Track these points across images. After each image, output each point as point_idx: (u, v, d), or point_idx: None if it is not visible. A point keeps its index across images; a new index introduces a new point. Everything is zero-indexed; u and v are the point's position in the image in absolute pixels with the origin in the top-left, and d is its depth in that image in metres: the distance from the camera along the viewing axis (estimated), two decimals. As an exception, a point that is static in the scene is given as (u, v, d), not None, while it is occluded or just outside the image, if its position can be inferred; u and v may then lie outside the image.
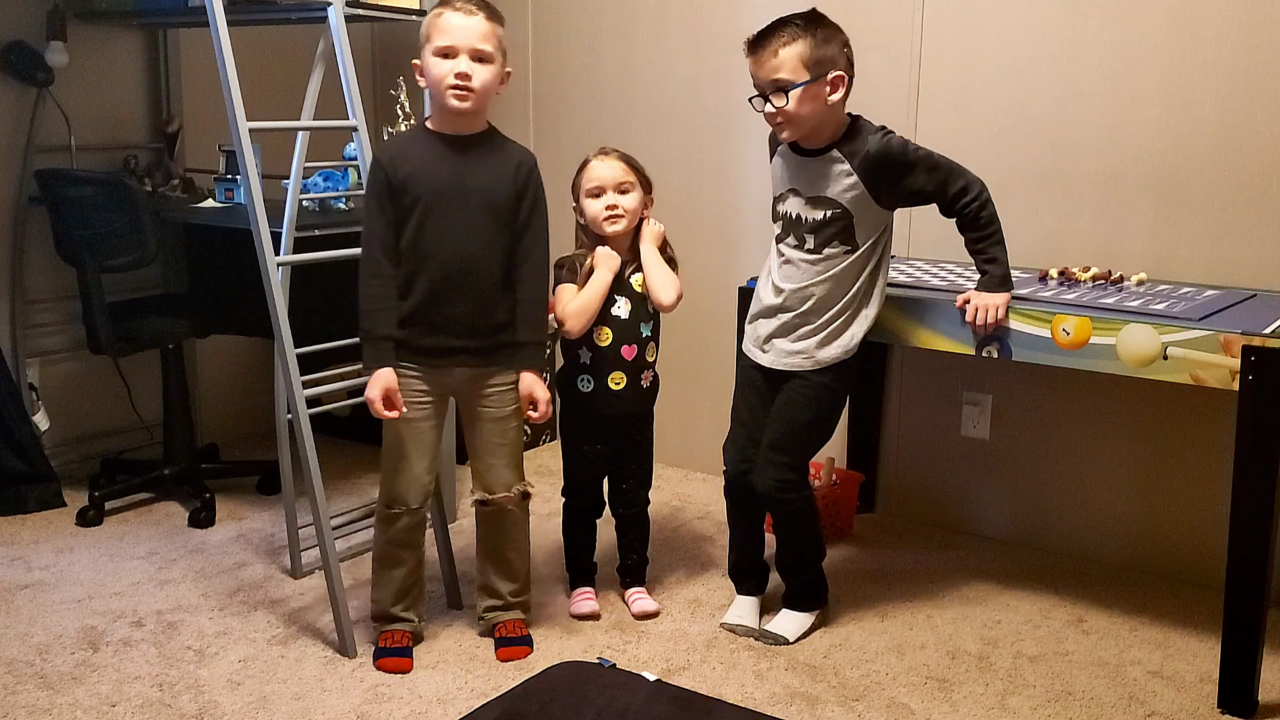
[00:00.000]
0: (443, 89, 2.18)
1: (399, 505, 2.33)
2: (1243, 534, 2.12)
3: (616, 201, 2.46)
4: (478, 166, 2.26)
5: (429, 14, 2.22)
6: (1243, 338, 2.07)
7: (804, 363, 2.38)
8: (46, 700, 2.20)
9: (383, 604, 2.38)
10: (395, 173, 2.21)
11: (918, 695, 2.25)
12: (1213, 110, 2.61)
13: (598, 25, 3.56)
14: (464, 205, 2.24)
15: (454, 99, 2.18)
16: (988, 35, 2.88)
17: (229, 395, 3.81)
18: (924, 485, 3.17)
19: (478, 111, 2.24)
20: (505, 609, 2.44)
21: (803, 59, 2.21)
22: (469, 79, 2.17)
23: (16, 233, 3.27)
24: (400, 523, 2.34)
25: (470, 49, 2.17)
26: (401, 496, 2.33)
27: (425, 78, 2.23)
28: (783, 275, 2.39)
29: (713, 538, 3.04)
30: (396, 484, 2.33)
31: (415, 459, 2.32)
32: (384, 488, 2.35)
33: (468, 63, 2.17)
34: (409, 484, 2.33)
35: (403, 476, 2.32)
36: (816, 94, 2.23)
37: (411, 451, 2.32)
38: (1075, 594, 2.71)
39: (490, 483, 2.39)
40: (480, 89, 2.19)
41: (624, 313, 2.48)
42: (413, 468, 2.32)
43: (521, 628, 2.43)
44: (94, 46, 3.37)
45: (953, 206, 2.33)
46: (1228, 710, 2.19)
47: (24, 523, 3.10)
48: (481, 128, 2.29)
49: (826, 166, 2.30)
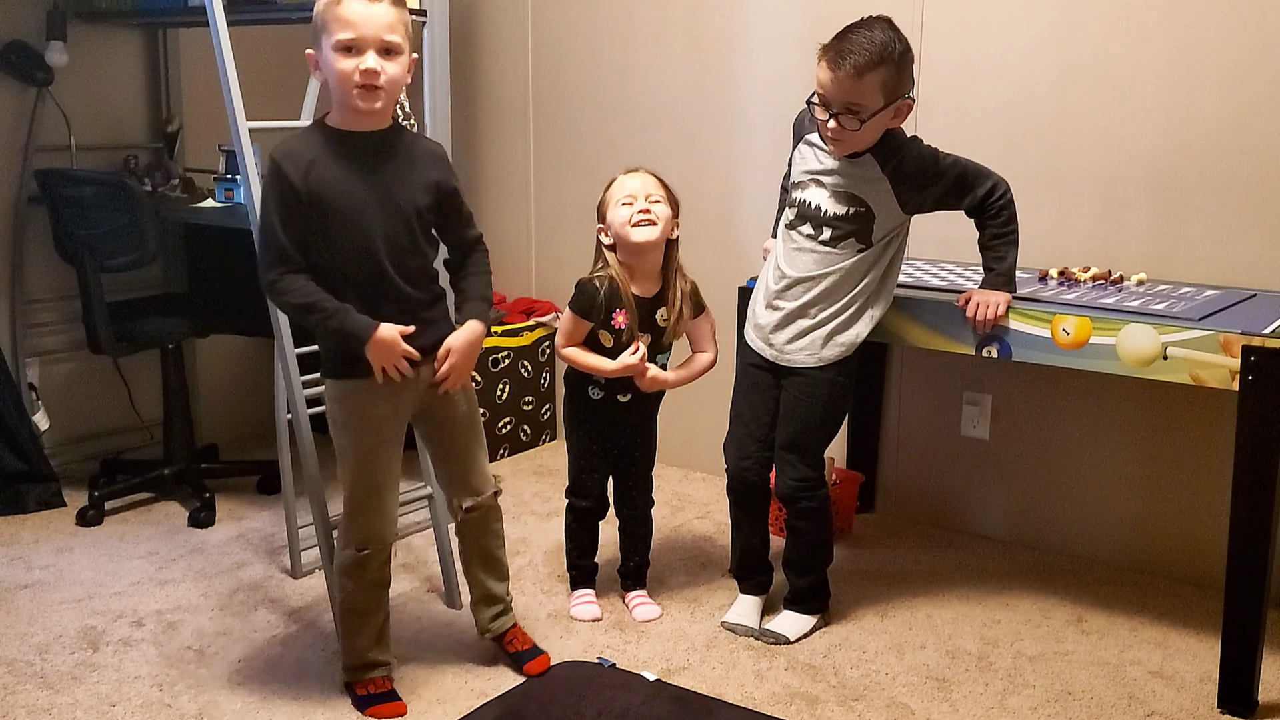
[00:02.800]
0: (348, 87, 1.93)
1: (373, 545, 2.12)
2: (1243, 534, 2.12)
3: (649, 206, 2.39)
4: (392, 170, 2.03)
5: (323, 1, 1.95)
6: (1243, 338, 2.07)
7: (808, 359, 2.38)
8: (46, 700, 2.20)
9: (359, 654, 2.17)
10: (301, 177, 1.96)
11: (918, 695, 2.25)
12: (1213, 110, 2.61)
13: (597, 25, 3.56)
14: (384, 213, 2.01)
15: (361, 99, 1.94)
16: (988, 35, 2.88)
17: (229, 395, 3.81)
18: (924, 485, 3.16)
19: (388, 107, 2.02)
20: (505, 611, 2.34)
21: (884, 86, 2.17)
22: (377, 76, 1.93)
23: (16, 232, 3.27)
24: (374, 564, 2.14)
25: (377, 41, 1.92)
26: (377, 535, 2.12)
27: (324, 72, 1.97)
28: (790, 261, 2.39)
29: (713, 537, 3.04)
30: (370, 523, 2.11)
31: (387, 490, 2.12)
32: (353, 532, 2.11)
33: (375, 58, 1.92)
34: (384, 519, 2.13)
35: (377, 514, 2.11)
36: (883, 122, 2.23)
37: (384, 483, 2.11)
38: (1075, 594, 2.71)
39: (476, 485, 2.24)
40: (390, 85, 1.96)
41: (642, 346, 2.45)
42: (384, 501, 2.12)
43: (527, 637, 2.35)
44: (94, 46, 3.37)
45: (981, 206, 2.34)
46: (1228, 710, 2.19)
47: (24, 523, 3.10)
48: (387, 123, 2.05)
49: (860, 168, 2.31)
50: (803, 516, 2.46)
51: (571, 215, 3.70)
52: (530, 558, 2.88)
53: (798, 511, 2.46)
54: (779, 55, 3.20)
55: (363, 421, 2.08)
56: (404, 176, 2.04)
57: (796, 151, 2.44)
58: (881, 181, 2.30)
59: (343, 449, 2.10)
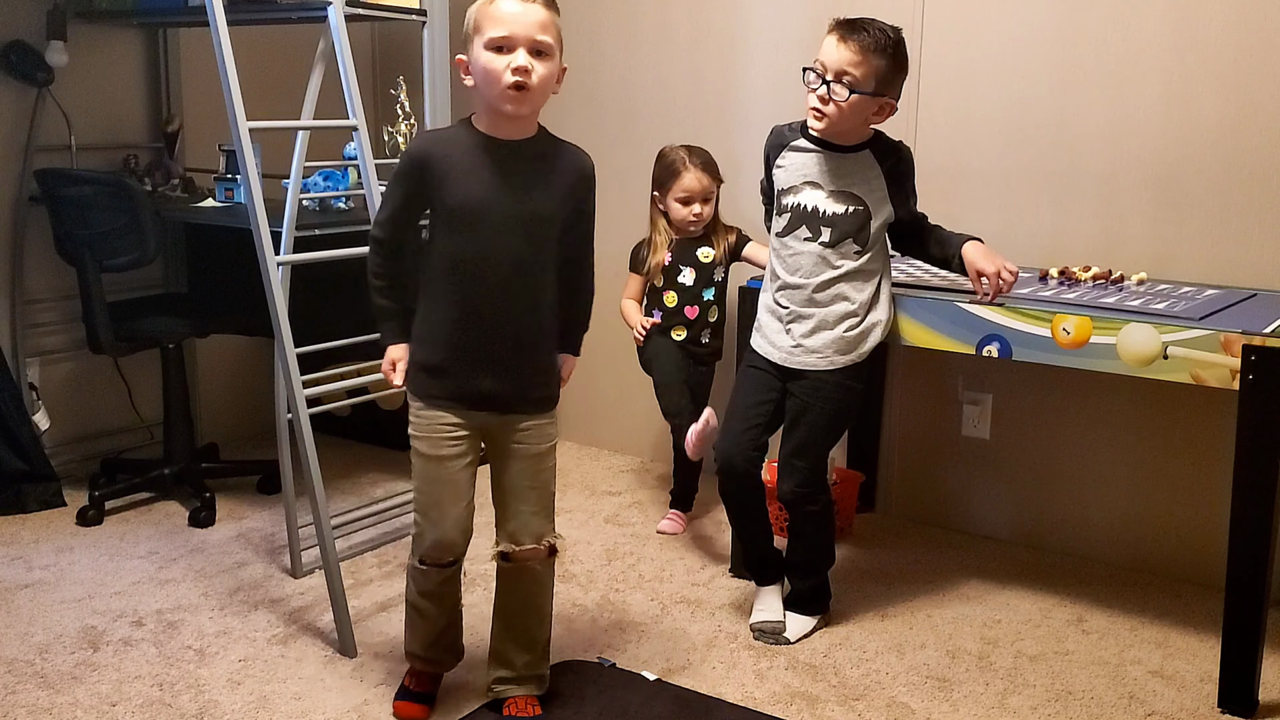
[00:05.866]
0: (497, 89, 1.87)
1: (429, 561, 2.05)
2: (1243, 534, 2.12)
3: (701, 210, 2.91)
4: (524, 179, 1.96)
5: (478, 2, 1.91)
6: (1243, 337, 2.07)
7: (819, 361, 2.38)
8: (46, 700, 2.20)
9: (411, 647, 2.18)
10: (432, 172, 1.94)
11: (918, 695, 2.25)
12: (1213, 110, 2.61)
13: (599, 25, 3.56)
14: (515, 228, 1.95)
15: (509, 101, 1.88)
16: (988, 35, 2.89)
17: (229, 395, 3.81)
18: (924, 485, 3.16)
19: (533, 114, 1.95)
20: (518, 683, 2.13)
21: (878, 73, 2.24)
22: (528, 74, 1.86)
23: (16, 232, 3.27)
24: (433, 577, 2.08)
25: (529, 41, 1.86)
26: (433, 552, 2.04)
27: (473, 75, 1.92)
28: (790, 268, 2.39)
29: (713, 537, 3.04)
30: (428, 535, 2.04)
31: (449, 504, 2.02)
32: (416, 542, 2.07)
33: (525, 57, 1.86)
34: (441, 535, 2.03)
35: (437, 527, 2.03)
36: (865, 108, 2.27)
37: (445, 497, 2.02)
38: (1075, 594, 2.71)
39: (516, 531, 2.07)
40: (539, 88, 1.89)
41: (689, 280, 2.94)
42: (446, 516, 2.02)
43: (535, 706, 2.12)
44: (94, 46, 3.37)
45: (917, 219, 2.44)
46: (1228, 710, 2.19)
47: (24, 522, 3.10)
48: (533, 131, 1.99)
49: (858, 164, 2.35)
50: (806, 520, 2.46)
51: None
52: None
53: (801, 515, 2.45)
54: (779, 55, 3.20)
55: (432, 435, 2.02)
56: (548, 195, 1.98)
57: (782, 159, 2.43)
58: (879, 179, 2.34)
59: (414, 460, 2.05)
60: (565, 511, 3.23)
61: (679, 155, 2.91)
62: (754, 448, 2.43)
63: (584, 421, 3.84)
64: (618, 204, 3.57)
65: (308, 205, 2.97)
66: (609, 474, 3.58)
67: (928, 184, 2.70)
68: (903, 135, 2.89)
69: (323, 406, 2.69)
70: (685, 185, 2.89)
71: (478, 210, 1.94)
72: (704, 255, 2.94)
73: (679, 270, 2.95)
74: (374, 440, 3.77)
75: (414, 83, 3.10)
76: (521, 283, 1.98)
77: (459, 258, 1.96)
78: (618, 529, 3.11)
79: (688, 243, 2.95)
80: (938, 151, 2.97)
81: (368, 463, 3.59)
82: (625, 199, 3.46)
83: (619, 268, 3.09)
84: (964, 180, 2.96)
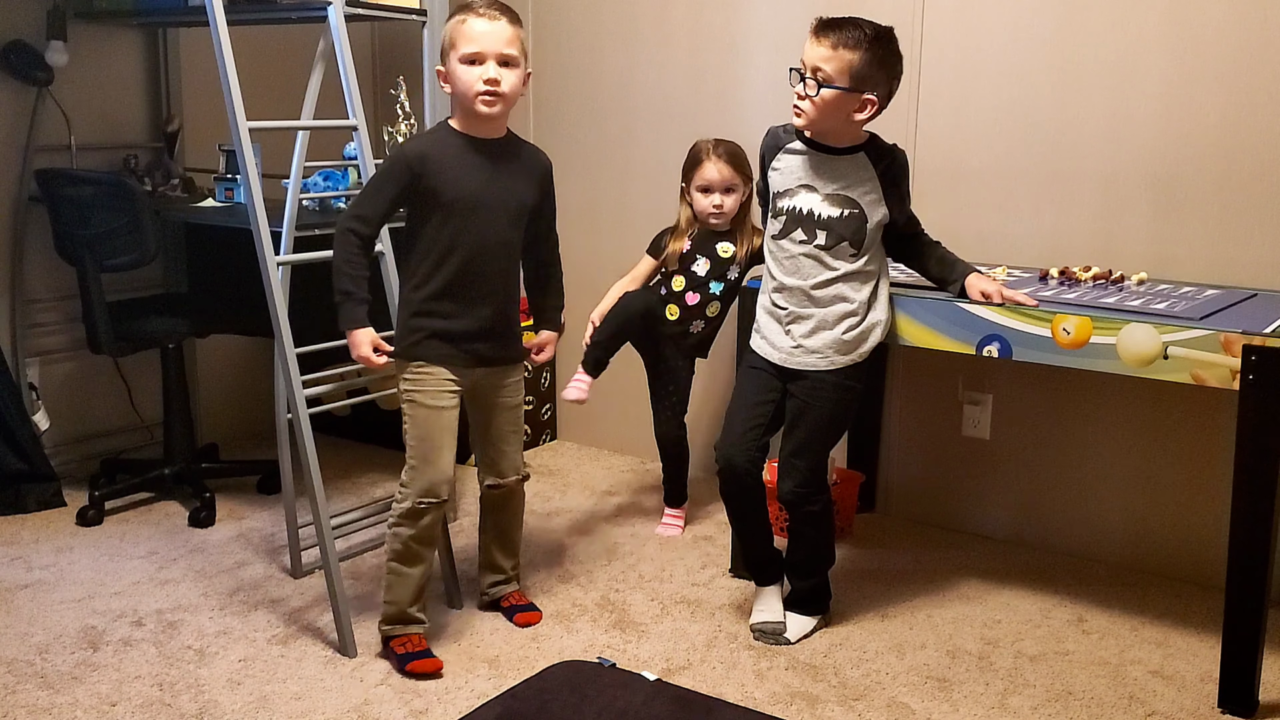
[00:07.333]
0: (472, 95, 2.21)
1: (430, 498, 2.31)
2: (1243, 534, 2.12)
3: (722, 201, 2.92)
4: (505, 173, 2.31)
5: (451, 21, 2.24)
6: (1243, 337, 2.07)
7: (819, 361, 2.38)
8: (46, 700, 2.20)
9: (399, 604, 2.34)
10: (422, 172, 2.24)
11: (918, 695, 2.25)
12: (1213, 110, 2.61)
13: (598, 25, 3.56)
14: (491, 212, 2.29)
15: (483, 105, 2.22)
16: (988, 35, 2.89)
17: (229, 395, 3.81)
18: (924, 485, 3.17)
19: (504, 115, 2.28)
20: (507, 582, 2.59)
21: (851, 68, 2.23)
22: (498, 84, 2.20)
23: (16, 232, 3.27)
24: (428, 518, 2.32)
25: (497, 54, 2.21)
26: (435, 489, 2.32)
27: (451, 84, 2.25)
28: (786, 270, 2.39)
29: (713, 537, 3.04)
30: (429, 476, 2.31)
31: (446, 448, 2.34)
32: (415, 483, 2.32)
33: (495, 68, 2.20)
34: (440, 475, 2.32)
35: (435, 468, 2.32)
36: (843, 105, 2.26)
37: (444, 441, 2.33)
38: (1075, 594, 2.71)
39: (503, 468, 2.50)
40: (508, 93, 2.23)
41: (701, 270, 2.96)
42: (443, 457, 2.33)
43: (525, 597, 2.60)
44: (94, 46, 3.37)
45: (913, 226, 2.44)
46: (1228, 710, 2.19)
47: (24, 522, 3.10)
48: (503, 132, 2.33)
49: (852, 166, 2.34)
50: (805, 521, 2.46)
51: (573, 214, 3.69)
52: (531, 557, 2.88)
53: (801, 515, 2.45)
54: (779, 55, 3.20)
55: (434, 388, 2.32)
56: (517, 185, 2.34)
57: (778, 161, 2.43)
58: (873, 181, 2.33)
59: (408, 412, 2.33)
60: (565, 511, 3.23)
61: (704, 145, 2.94)
62: (755, 448, 2.43)
63: (584, 421, 3.84)
64: (618, 204, 3.57)
65: (308, 205, 2.97)
66: (609, 474, 3.58)
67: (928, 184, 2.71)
68: (902, 135, 2.90)
69: (322, 406, 2.69)
70: (705, 175, 2.91)
71: (474, 200, 2.27)
72: (723, 250, 2.95)
73: (695, 259, 2.97)
74: (374, 440, 3.77)
75: (414, 83, 3.10)
76: (505, 260, 2.36)
77: (456, 242, 2.27)
78: (618, 529, 3.11)
79: (710, 235, 2.97)
80: (937, 151, 2.97)
81: (368, 463, 3.59)
82: (626, 199, 3.47)
83: (621, 268, 3.09)
84: (963, 180, 2.96)
